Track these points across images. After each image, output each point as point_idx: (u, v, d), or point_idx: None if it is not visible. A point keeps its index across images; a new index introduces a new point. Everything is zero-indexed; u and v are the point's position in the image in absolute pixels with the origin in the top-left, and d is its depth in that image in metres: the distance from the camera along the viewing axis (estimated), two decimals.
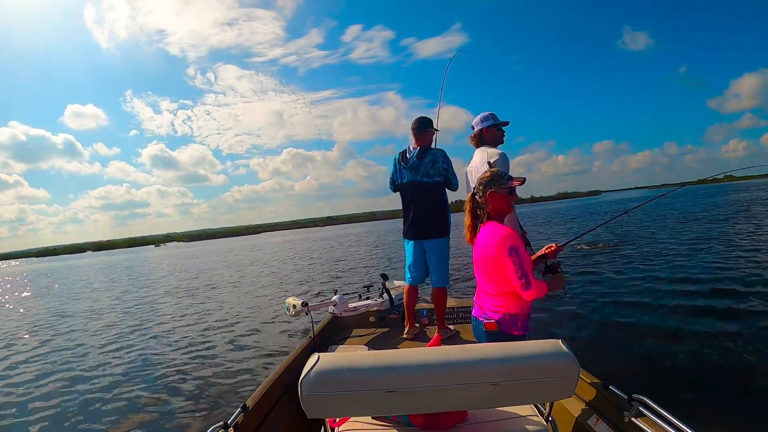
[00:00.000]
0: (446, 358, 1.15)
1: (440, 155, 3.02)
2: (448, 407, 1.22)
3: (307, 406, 1.11)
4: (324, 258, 18.00)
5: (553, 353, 1.17)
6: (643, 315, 5.11)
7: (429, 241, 3.06)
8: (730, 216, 16.66)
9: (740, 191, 41.96)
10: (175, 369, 4.69)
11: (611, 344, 4.26)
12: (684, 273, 7.25)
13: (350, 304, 3.57)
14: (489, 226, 1.80)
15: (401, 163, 3.09)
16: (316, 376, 1.09)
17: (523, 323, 1.78)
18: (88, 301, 11.78)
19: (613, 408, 1.73)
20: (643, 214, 19.89)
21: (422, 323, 3.52)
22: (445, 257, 3.10)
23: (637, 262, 8.70)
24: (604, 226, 15.57)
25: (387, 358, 1.16)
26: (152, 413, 3.59)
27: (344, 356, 1.18)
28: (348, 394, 1.11)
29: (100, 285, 17.00)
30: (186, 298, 10.27)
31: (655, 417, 1.51)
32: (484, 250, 1.77)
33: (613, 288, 6.68)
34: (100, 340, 6.48)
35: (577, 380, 1.19)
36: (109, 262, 42.40)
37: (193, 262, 25.24)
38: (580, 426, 1.84)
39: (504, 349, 1.19)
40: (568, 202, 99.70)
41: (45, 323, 8.78)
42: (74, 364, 5.29)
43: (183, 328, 6.79)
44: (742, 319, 4.59)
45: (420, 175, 3.02)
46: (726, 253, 8.59)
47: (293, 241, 42.95)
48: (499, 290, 1.75)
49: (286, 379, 2.36)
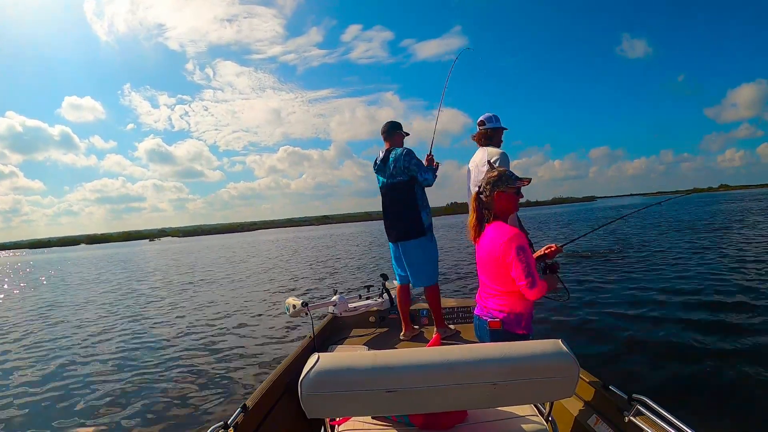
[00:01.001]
0: (446, 358, 1.15)
1: (401, 154, 2.99)
2: (448, 407, 1.22)
3: (307, 406, 1.11)
4: (323, 258, 18.00)
5: (553, 353, 1.17)
6: (643, 316, 5.11)
7: (405, 243, 3.05)
8: (728, 224, 16.76)
9: (736, 200, 42.13)
10: (174, 369, 4.69)
11: (611, 344, 4.26)
12: (684, 276, 7.28)
13: (350, 304, 3.57)
14: (495, 225, 1.80)
15: (374, 167, 3.19)
16: (316, 376, 1.09)
17: (526, 322, 1.79)
18: (81, 298, 11.77)
19: (613, 408, 1.73)
20: (641, 221, 19.98)
21: (422, 323, 3.52)
22: (425, 257, 3.04)
23: (637, 266, 8.72)
24: (603, 229, 15.66)
25: (387, 358, 1.16)
26: (152, 413, 3.58)
27: (344, 356, 1.19)
28: (348, 394, 1.12)
29: (93, 279, 16.92)
30: (183, 296, 10.25)
31: (655, 417, 1.51)
32: (490, 249, 1.77)
33: (612, 289, 6.70)
34: (97, 340, 6.47)
35: (577, 380, 1.19)
36: (102, 256, 42.40)
37: (189, 259, 25.20)
38: (580, 426, 1.85)
39: (504, 349, 1.19)
40: (564, 207, 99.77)
41: (36, 319, 8.76)
42: (71, 365, 5.28)
43: (182, 327, 6.78)
44: (742, 320, 4.60)
45: (387, 177, 3.07)
46: (726, 260, 8.63)
47: (289, 239, 42.97)
48: (504, 289, 1.76)
49: (286, 379, 2.36)
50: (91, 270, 23.12)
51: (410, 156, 2.98)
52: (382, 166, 3.10)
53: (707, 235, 13.27)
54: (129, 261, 28.77)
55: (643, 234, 15.22)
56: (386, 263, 13.50)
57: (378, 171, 3.16)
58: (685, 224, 17.90)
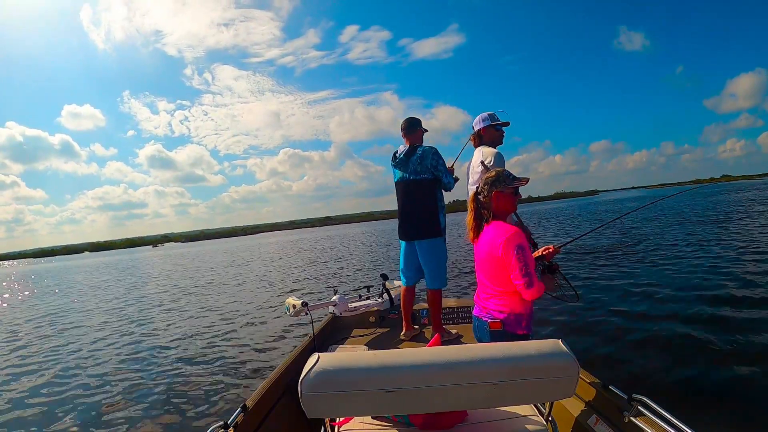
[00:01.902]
0: (446, 358, 1.15)
1: (429, 152, 2.95)
2: (448, 407, 1.22)
3: (307, 406, 1.11)
4: (323, 258, 18.00)
5: (553, 353, 1.17)
6: (643, 315, 5.10)
7: (421, 242, 3.02)
8: (731, 216, 16.67)
9: (740, 191, 41.97)
10: (174, 369, 4.69)
11: (611, 344, 4.26)
12: (685, 275, 7.25)
13: (350, 304, 3.57)
14: (494, 225, 1.80)
15: (392, 161, 3.12)
16: (316, 376, 1.09)
17: (527, 323, 1.78)
18: (85, 302, 11.79)
19: (613, 408, 1.73)
20: (643, 215, 19.91)
21: (422, 323, 3.52)
22: (439, 258, 3.03)
23: (638, 264, 8.69)
24: (603, 228, 15.57)
25: (387, 358, 1.16)
26: (152, 413, 3.59)
27: (344, 356, 1.18)
28: (348, 394, 1.11)
29: (99, 285, 17.00)
30: (185, 297, 10.27)
31: (655, 417, 1.50)
32: (490, 249, 1.76)
33: (613, 289, 6.68)
34: (99, 342, 6.48)
35: (577, 380, 1.19)
36: (106, 263, 42.43)
37: (192, 263, 25.24)
38: (580, 426, 1.84)
39: (504, 349, 1.19)
40: (566, 202, 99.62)
41: (42, 324, 8.78)
42: (72, 365, 5.29)
43: (182, 327, 6.79)
44: (742, 320, 4.58)
45: (408, 173, 3.00)
46: (728, 254, 8.59)
47: (292, 241, 42.97)
48: (504, 290, 1.75)
49: (286, 379, 2.36)
50: (96, 277, 23.20)
51: (438, 156, 2.96)
52: (405, 160, 3.01)
53: (710, 228, 13.21)
54: (133, 267, 28.75)
55: (645, 228, 15.12)
56: (386, 263, 13.49)
57: (398, 165, 3.06)
58: (686, 216, 17.84)
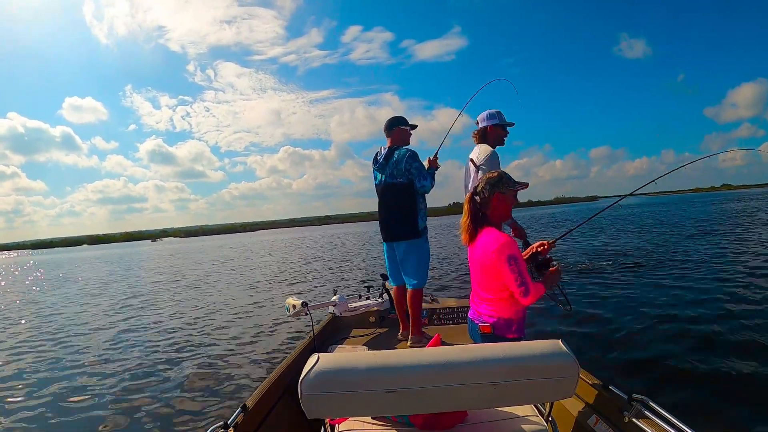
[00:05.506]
0: (446, 358, 1.15)
1: (404, 155, 2.90)
2: (448, 407, 1.22)
3: (307, 406, 1.11)
4: (324, 257, 17.99)
5: (553, 353, 1.17)
6: (643, 315, 5.10)
7: (399, 243, 3.03)
8: (730, 224, 16.74)
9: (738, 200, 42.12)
10: (174, 369, 4.68)
11: (611, 344, 4.26)
12: (685, 275, 7.26)
13: (350, 304, 3.58)
14: (486, 232, 1.78)
15: (373, 164, 3.11)
16: (316, 376, 1.09)
17: (518, 326, 1.79)
18: (82, 297, 11.77)
19: (613, 408, 1.73)
20: (644, 219, 19.94)
21: (421, 323, 3.52)
22: (418, 258, 3.00)
23: (638, 265, 8.71)
24: (606, 232, 15.61)
25: (387, 358, 1.16)
26: (151, 413, 3.58)
27: (344, 356, 1.18)
28: (348, 394, 1.11)
29: (95, 279, 16.94)
30: (183, 296, 10.24)
31: (655, 417, 1.51)
32: (482, 256, 1.76)
33: (613, 289, 6.69)
34: (97, 340, 6.46)
35: (577, 380, 1.19)
36: (104, 256, 42.37)
37: (191, 259, 25.18)
38: (580, 426, 1.84)
39: (504, 350, 1.19)
40: (567, 207, 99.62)
41: (39, 319, 8.76)
42: (71, 363, 5.27)
43: (181, 327, 6.77)
44: (742, 320, 4.59)
45: (386, 176, 2.98)
46: (731, 257, 8.63)
47: (292, 239, 42.94)
48: (494, 296, 1.76)
49: (286, 379, 2.36)
50: (94, 270, 23.14)
51: (413, 159, 2.89)
52: (384, 164, 2.98)
53: (714, 233, 13.24)
54: (131, 261, 28.79)
55: (645, 233, 15.19)
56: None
57: (378, 168, 3.05)
58: (689, 223, 17.87)
